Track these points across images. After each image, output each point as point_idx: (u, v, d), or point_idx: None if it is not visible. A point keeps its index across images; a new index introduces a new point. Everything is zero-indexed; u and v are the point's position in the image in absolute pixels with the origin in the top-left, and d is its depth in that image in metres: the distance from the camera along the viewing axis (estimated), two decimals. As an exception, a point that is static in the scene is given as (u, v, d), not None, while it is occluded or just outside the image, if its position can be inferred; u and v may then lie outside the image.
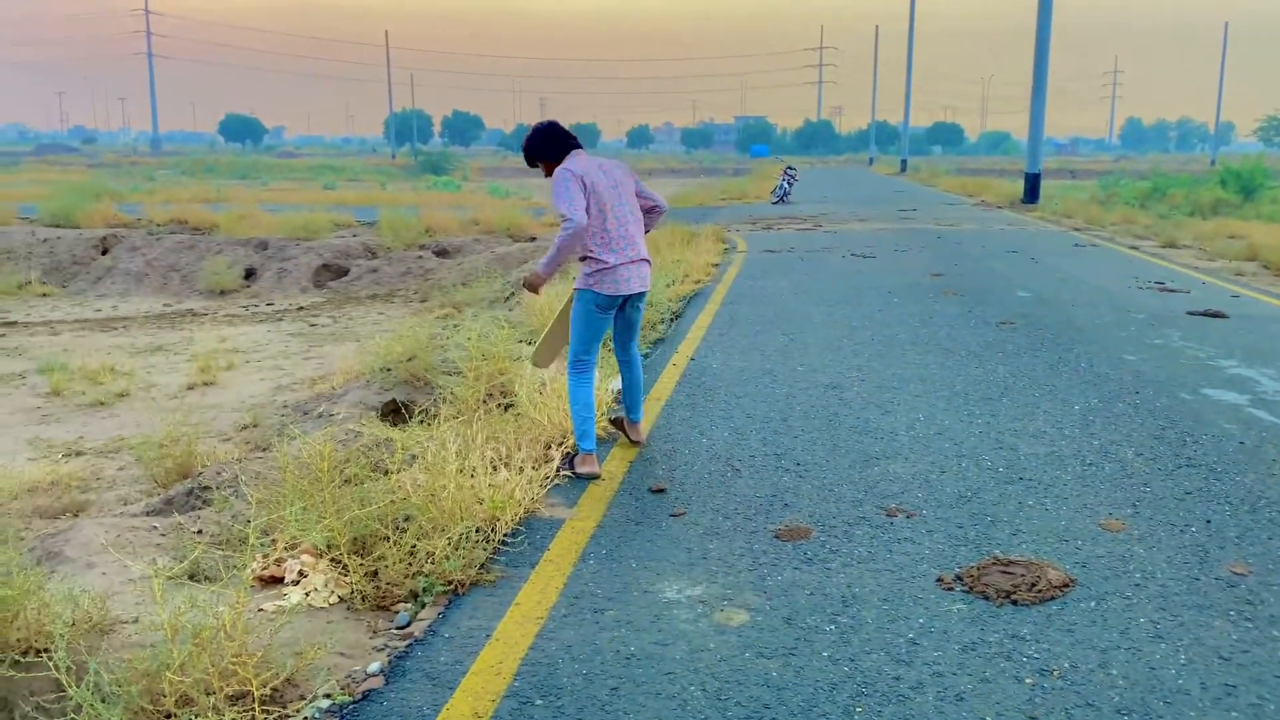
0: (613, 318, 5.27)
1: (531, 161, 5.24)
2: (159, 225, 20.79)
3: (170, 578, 3.72)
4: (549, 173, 5.14)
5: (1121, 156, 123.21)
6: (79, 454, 8.20)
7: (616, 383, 6.80)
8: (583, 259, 5.12)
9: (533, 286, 5.32)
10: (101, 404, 9.81)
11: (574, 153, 5.13)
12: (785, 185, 29.58)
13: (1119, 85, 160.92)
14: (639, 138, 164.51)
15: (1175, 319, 9.59)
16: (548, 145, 5.16)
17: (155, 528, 4.97)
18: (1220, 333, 8.92)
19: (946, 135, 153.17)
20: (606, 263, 5.02)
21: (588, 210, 4.94)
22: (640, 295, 5.27)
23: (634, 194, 5.22)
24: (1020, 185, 29.80)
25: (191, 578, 3.91)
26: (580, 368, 5.24)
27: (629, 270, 5.07)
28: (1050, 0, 26.81)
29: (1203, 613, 3.61)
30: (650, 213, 5.38)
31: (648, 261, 5.22)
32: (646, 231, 5.34)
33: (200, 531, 4.89)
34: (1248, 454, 5.42)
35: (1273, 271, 13.82)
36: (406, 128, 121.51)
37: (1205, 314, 9.86)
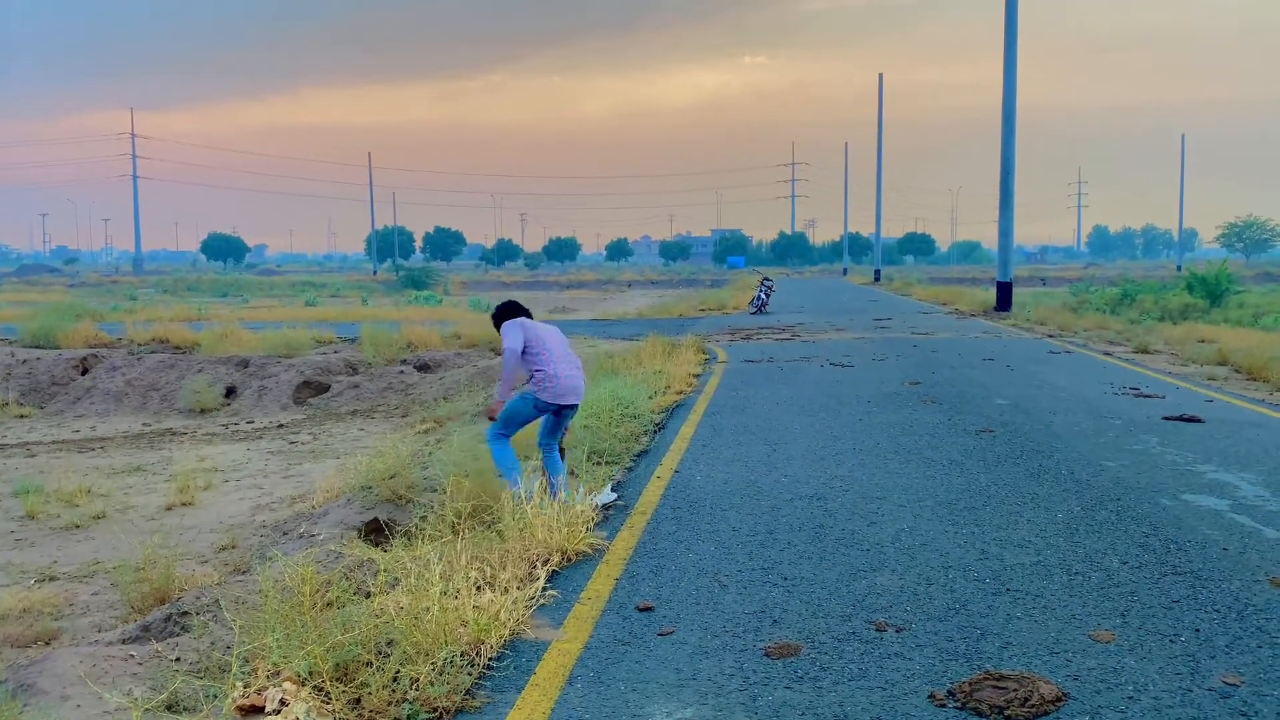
0: (544, 420, 6.64)
1: (497, 325, 6.72)
2: (140, 345, 20.77)
3: (148, 709, 3.63)
4: None
5: (1090, 264, 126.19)
6: (53, 579, 8.03)
7: (598, 497, 6.80)
8: (531, 377, 6.52)
9: (491, 413, 6.60)
10: (77, 527, 9.65)
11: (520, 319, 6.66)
12: (762, 296, 30.07)
13: (1084, 195, 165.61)
14: (617, 250, 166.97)
15: (1152, 425, 9.70)
16: (509, 312, 6.74)
17: (132, 656, 4.86)
18: (1197, 438, 9.02)
19: (918, 245, 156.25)
20: (549, 373, 6.41)
21: (530, 345, 6.45)
22: (574, 406, 6.66)
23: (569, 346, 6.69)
24: (992, 293, 30.38)
25: (170, 709, 3.82)
26: (503, 438, 6.58)
27: (567, 384, 6.46)
28: (1013, 116, 27.84)
29: (1198, 726, 3.58)
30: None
31: (582, 381, 6.62)
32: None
33: (179, 659, 4.78)
34: (1232, 560, 5.44)
35: (1244, 376, 14.04)
36: (388, 244, 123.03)
37: (1181, 419, 9.98)
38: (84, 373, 19.10)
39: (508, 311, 6.77)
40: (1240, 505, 6.61)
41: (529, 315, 6.77)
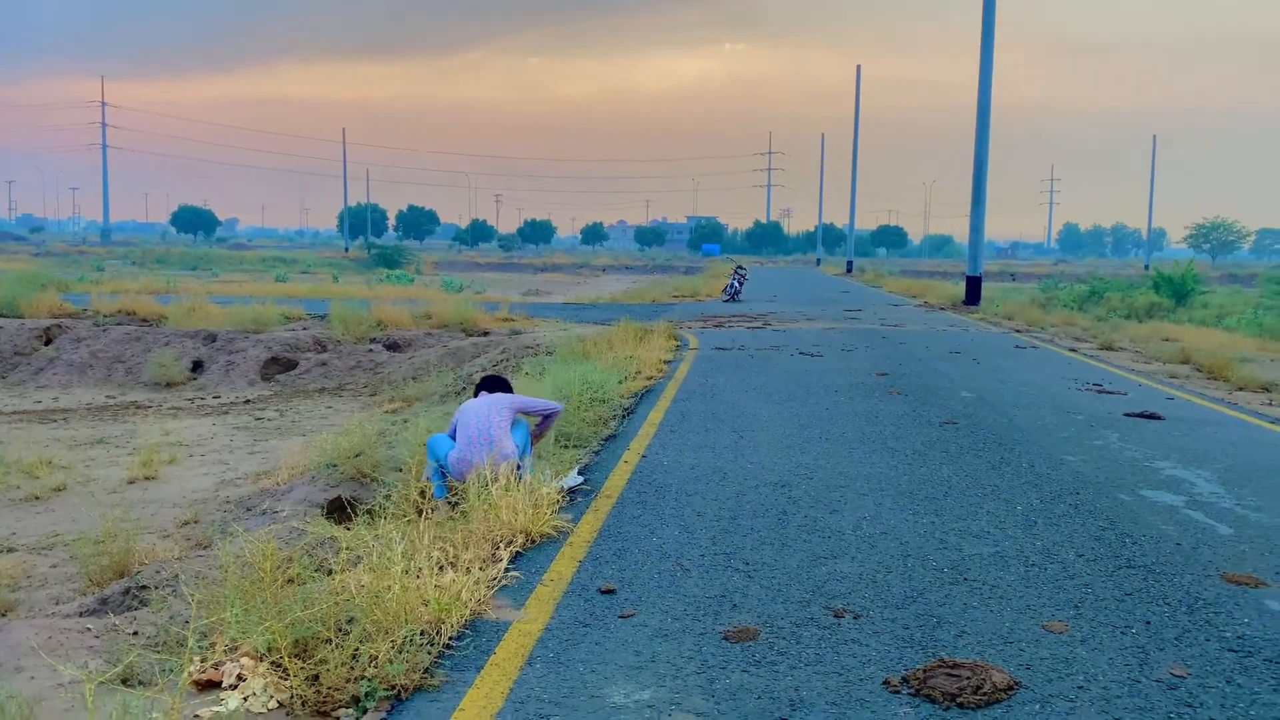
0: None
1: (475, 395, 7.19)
2: (106, 316, 20.51)
3: (103, 682, 3.61)
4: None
5: (1060, 260, 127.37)
6: (10, 550, 7.95)
7: (564, 480, 6.82)
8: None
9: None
10: (37, 498, 9.55)
11: (482, 393, 7.09)
12: (736, 284, 30.11)
13: (1056, 192, 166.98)
14: (593, 234, 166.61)
15: (1113, 420, 9.83)
16: (481, 386, 7.24)
17: (89, 629, 4.83)
18: (1156, 434, 9.15)
19: (891, 238, 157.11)
20: (457, 455, 6.59)
21: (456, 427, 6.75)
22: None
23: (499, 416, 6.69)
24: (962, 287, 30.59)
25: (125, 682, 3.80)
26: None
27: (464, 470, 6.49)
28: (988, 112, 27.98)
29: (1144, 716, 3.65)
30: (546, 419, 7.32)
31: (479, 461, 6.46)
32: (541, 434, 7.41)
33: (136, 633, 4.76)
34: (1184, 555, 5.54)
35: (1205, 374, 14.25)
36: (360, 221, 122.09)
37: (1142, 415, 10.12)
38: (48, 343, 18.85)
39: (480, 385, 7.27)
40: (1195, 501, 6.73)
41: (504, 387, 7.21)
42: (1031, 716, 3.64)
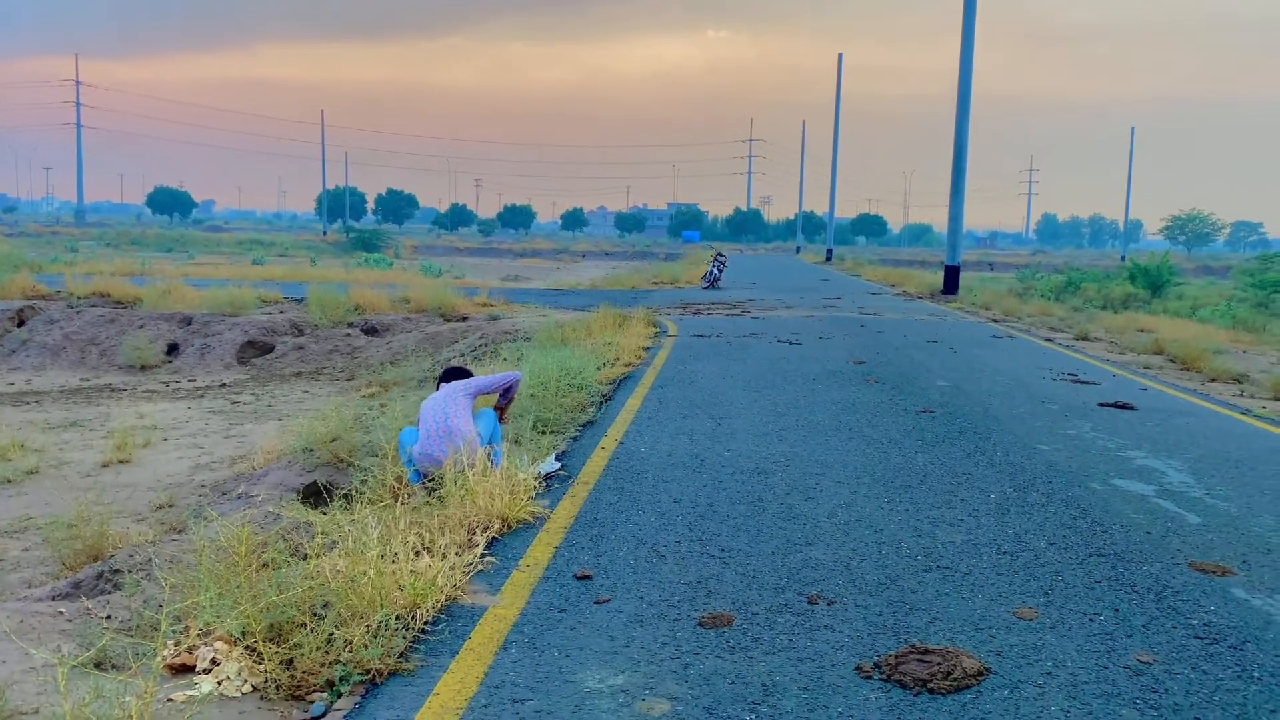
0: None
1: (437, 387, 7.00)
2: (80, 298, 20.30)
3: (75, 666, 3.59)
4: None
5: (1038, 251, 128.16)
6: (-18, 534, 7.88)
7: (541, 466, 6.83)
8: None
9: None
10: (9, 481, 9.47)
11: (442, 384, 6.82)
12: (715, 271, 30.15)
13: (1035, 183, 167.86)
14: (573, 220, 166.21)
15: (1087, 410, 9.93)
16: (442, 377, 7.02)
17: (61, 613, 4.80)
18: (1129, 424, 9.25)
19: (870, 226, 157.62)
20: (420, 451, 6.43)
21: (420, 420, 6.58)
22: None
23: (456, 406, 6.51)
24: (940, 276, 30.74)
25: (98, 666, 3.79)
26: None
27: (429, 464, 6.40)
28: (968, 101, 28.08)
29: (1110, 701, 3.71)
30: (507, 391, 7.09)
31: (440, 455, 6.34)
32: (507, 404, 7.20)
33: (109, 617, 4.74)
34: (1154, 544, 5.61)
35: (1178, 365, 14.40)
36: (339, 204, 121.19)
37: (1115, 406, 10.22)
38: (20, 324, 18.65)
39: (440, 379, 7.13)
40: (1166, 491, 6.81)
41: (461, 376, 6.99)
42: (1000, 702, 3.68)
